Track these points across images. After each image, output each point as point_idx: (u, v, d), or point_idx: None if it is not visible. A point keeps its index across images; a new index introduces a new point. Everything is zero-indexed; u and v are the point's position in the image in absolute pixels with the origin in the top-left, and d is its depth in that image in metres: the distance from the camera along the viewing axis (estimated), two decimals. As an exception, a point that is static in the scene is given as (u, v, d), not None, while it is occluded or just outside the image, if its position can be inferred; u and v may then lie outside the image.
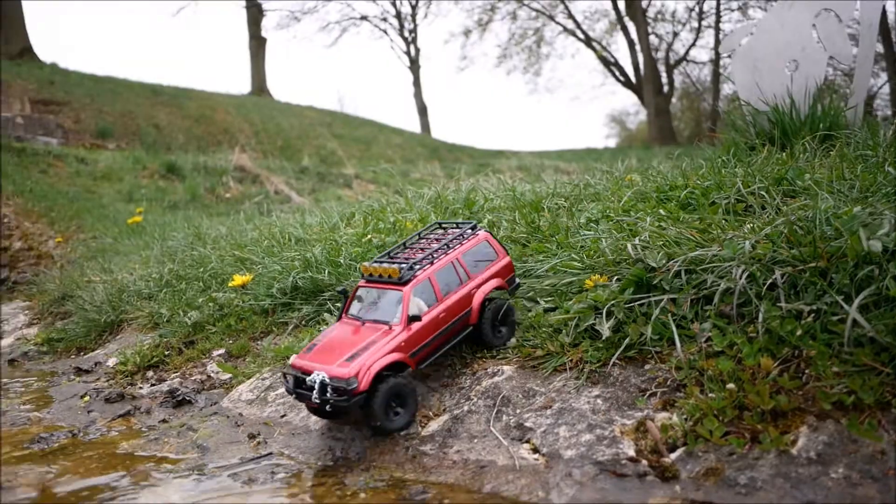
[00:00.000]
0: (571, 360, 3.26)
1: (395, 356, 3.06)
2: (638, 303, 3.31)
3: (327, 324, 4.49)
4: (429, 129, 36.76)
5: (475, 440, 2.99)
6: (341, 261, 5.10)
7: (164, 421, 3.98)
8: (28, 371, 5.99)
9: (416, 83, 39.19)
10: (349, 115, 33.99)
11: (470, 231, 3.59)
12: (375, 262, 3.40)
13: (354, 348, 3.06)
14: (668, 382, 2.95)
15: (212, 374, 4.56)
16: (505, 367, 3.36)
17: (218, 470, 3.14)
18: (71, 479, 3.23)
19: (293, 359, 3.26)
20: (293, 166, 20.71)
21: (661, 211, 4.32)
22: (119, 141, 22.13)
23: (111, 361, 5.35)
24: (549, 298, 3.80)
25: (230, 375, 4.43)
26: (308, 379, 3.03)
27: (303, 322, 4.83)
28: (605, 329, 3.26)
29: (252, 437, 3.50)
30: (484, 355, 3.53)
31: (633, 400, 2.94)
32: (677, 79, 43.71)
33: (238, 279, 5.53)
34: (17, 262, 12.77)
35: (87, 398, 4.59)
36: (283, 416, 3.69)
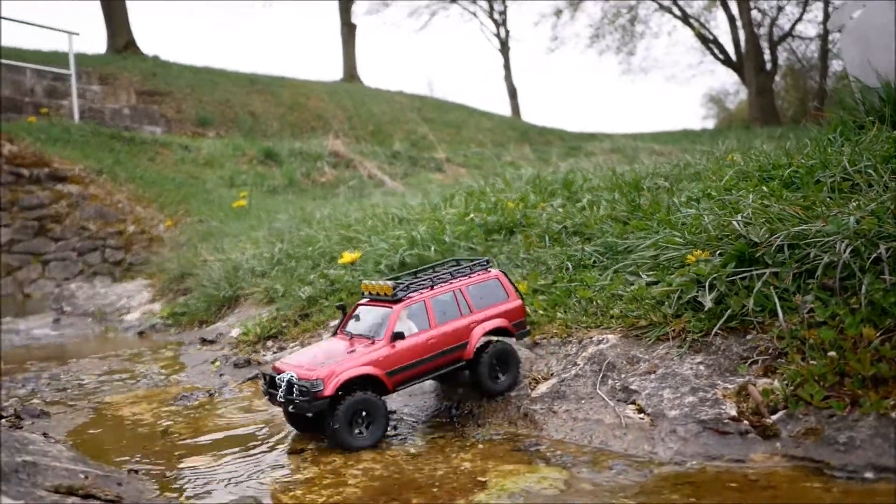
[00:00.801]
0: (674, 330, 3.47)
1: (369, 369, 3.07)
2: (740, 276, 3.49)
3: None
4: (519, 112, 36.88)
5: (582, 401, 3.26)
6: (446, 238, 5.43)
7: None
8: (156, 342, 6.61)
9: (506, 66, 39.38)
10: (439, 100, 34.54)
11: (480, 267, 3.55)
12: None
13: (331, 357, 3.14)
14: (770, 351, 3.13)
15: (329, 344, 4.98)
16: (609, 336, 3.61)
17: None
18: (215, 430, 3.69)
19: (275, 362, 3.37)
20: (385, 151, 21.26)
21: (764, 189, 4.45)
22: (218, 129, 23.26)
23: (234, 332, 5.87)
24: (651, 273, 4.01)
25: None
26: (277, 378, 3.15)
27: (411, 296, 5.18)
28: (708, 301, 3.46)
29: (373, 397, 3.87)
30: (588, 324, 3.79)
31: (735, 367, 3.13)
32: (781, 56, 42.10)
33: (347, 256, 5.95)
34: (130, 244, 13.78)
35: (217, 363, 5.10)
36: (399, 380, 4.05)
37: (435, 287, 3.37)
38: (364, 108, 27.22)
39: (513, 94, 37.58)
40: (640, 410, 3.07)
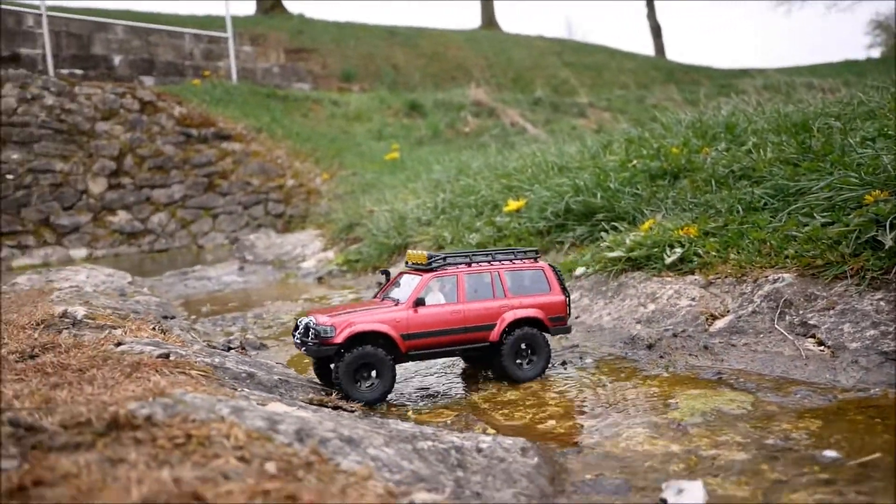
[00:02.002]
0: (851, 269, 3.63)
1: (383, 327, 3.21)
2: (922, 215, 3.58)
3: (602, 242, 5.13)
4: (663, 51, 35.65)
5: (760, 335, 3.51)
6: (610, 185, 5.69)
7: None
8: (334, 286, 7.31)
9: (649, 3, 37.93)
10: (579, 42, 34.00)
11: (525, 255, 3.61)
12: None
13: (353, 310, 3.31)
14: (955, 287, 3.25)
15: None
16: (785, 275, 3.81)
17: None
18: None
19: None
20: (526, 98, 21.39)
21: (948, 126, 4.41)
22: (361, 83, 24.14)
23: (409, 277, 6.43)
24: (826, 214, 4.13)
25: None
26: (299, 320, 3.36)
27: (578, 241, 5.51)
28: (888, 239, 3.58)
29: (554, 333, 4.27)
30: (762, 264, 3.99)
31: (917, 303, 3.28)
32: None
33: (512, 204, 6.33)
34: (290, 197, 14.83)
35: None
36: (577, 318, 4.43)
37: (472, 265, 3.48)
38: (503, 54, 27.31)
39: (656, 32, 36.30)
40: (820, 343, 3.29)
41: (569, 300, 3.59)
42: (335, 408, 2.96)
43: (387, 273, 3.72)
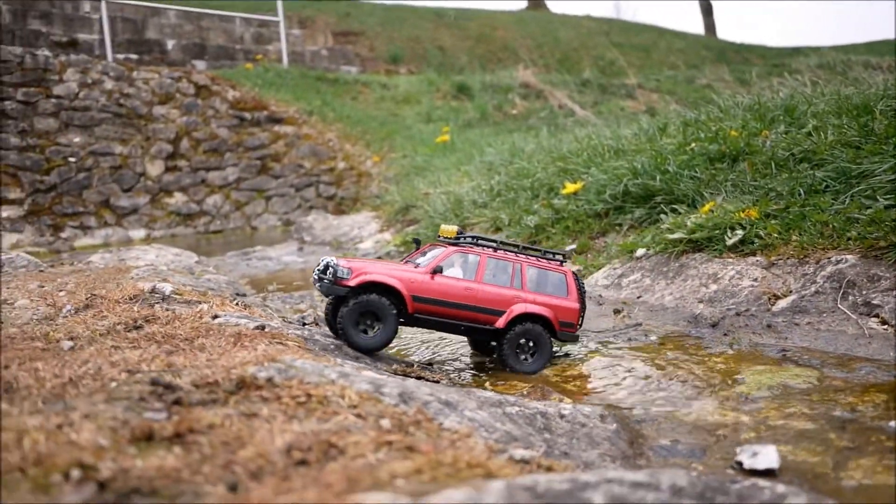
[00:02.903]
0: (916, 251, 3.72)
1: (394, 282, 3.31)
2: None
3: (662, 224, 5.26)
4: (714, 29, 35.08)
5: (823, 314, 3.64)
6: (669, 168, 5.80)
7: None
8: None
9: (699, -21, 37.31)
10: (627, 22, 33.65)
11: (553, 256, 3.68)
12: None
13: (374, 263, 3.48)
14: None
15: (562, 267, 5.58)
16: (847, 256, 3.91)
17: (598, 334, 4.13)
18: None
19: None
20: (574, 79, 21.34)
21: None
22: (408, 65, 24.31)
23: (468, 258, 6.63)
24: (889, 196, 4.21)
25: (581, 266, 5.41)
26: (322, 259, 3.50)
27: (637, 223, 5.65)
28: (953, 222, 3.66)
29: (617, 311, 4.44)
30: (825, 246, 4.09)
31: (982, 284, 3.37)
32: None
33: (570, 187, 6.48)
34: (341, 180, 15.12)
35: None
36: (638, 297, 4.59)
37: (497, 251, 3.57)
38: (550, 35, 27.23)
39: (707, 10, 35.73)
40: (884, 322, 3.41)
41: (583, 311, 3.66)
42: (418, 377, 3.17)
43: (417, 241, 3.87)
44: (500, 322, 3.47)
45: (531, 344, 3.53)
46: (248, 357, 2.50)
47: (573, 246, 5.80)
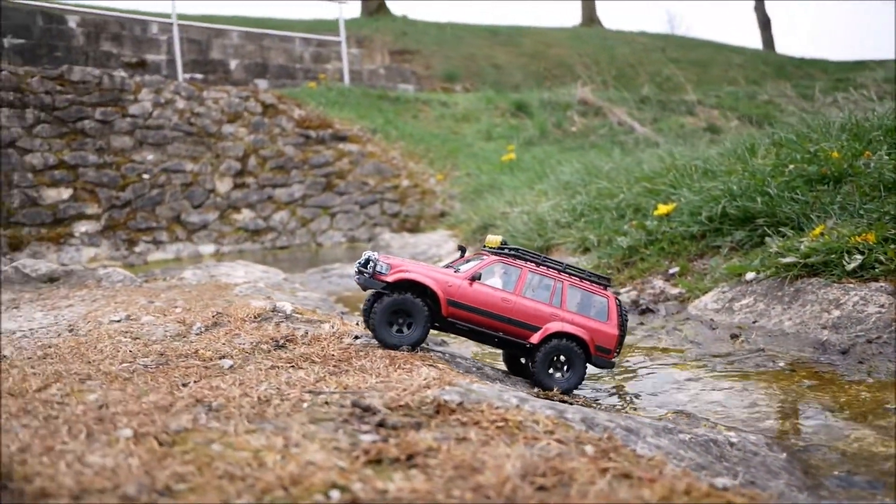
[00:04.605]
0: None
1: (431, 282, 3.31)
2: None
3: (769, 248, 5.22)
4: (772, 44, 34.69)
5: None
6: (769, 190, 5.76)
7: (641, 324, 5.10)
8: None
9: (757, -6, 36.96)
10: (682, 37, 33.48)
11: (598, 280, 3.60)
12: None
13: (415, 263, 3.49)
14: None
15: (663, 289, 5.57)
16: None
17: (718, 358, 4.12)
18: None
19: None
20: (633, 96, 21.28)
21: None
22: (464, 82, 24.50)
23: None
24: None
25: (684, 289, 5.41)
26: (364, 253, 3.52)
27: (738, 246, 5.61)
28: None
29: (734, 336, 4.43)
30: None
31: None
32: None
33: (662, 208, 6.47)
34: (405, 197, 15.27)
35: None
36: (754, 322, 4.57)
37: (540, 266, 3.52)
38: (606, 52, 27.21)
39: (765, 24, 35.36)
40: None
41: (622, 338, 3.57)
42: (561, 401, 3.21)
43: (463, 249, 3.87)
44: (535, 338, 3.41)
45: (563, 360, 3.46)
46: (419, 380, 2.57)
47: (676, 269, 5.79)
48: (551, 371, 3.44)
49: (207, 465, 1.77)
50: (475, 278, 3.39)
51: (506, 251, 3.55)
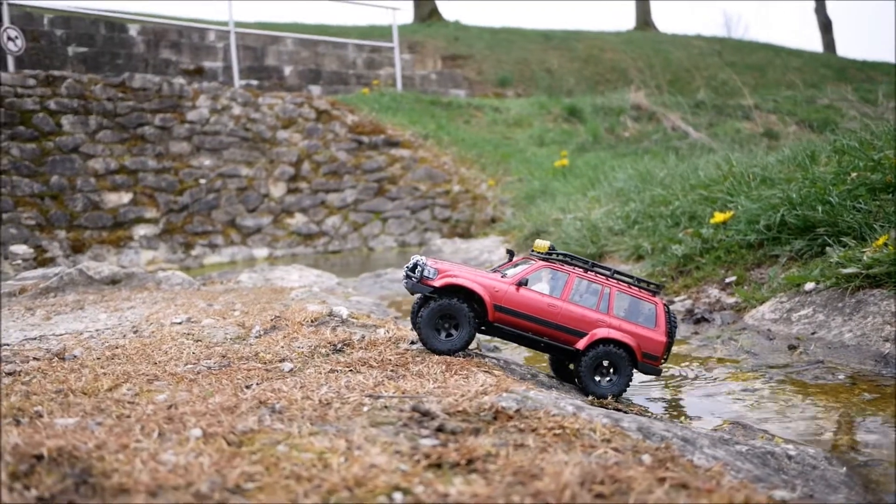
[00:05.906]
0: None
1: (479, 288, 3.34)
2: None
3: (830, 258, 5.14)
4: (833, 47, 33.90)
5: None
6: (831, 199, 5.67)
7: (695, 333, 5.07)
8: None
9: (818, -4, 36.20)
10: (739, 41, 32.97)
11: (647, 286, 3.58)
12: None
13: (462, 267, 3.48)
14: None
15: (718, 298, 5.53)
16: None
17: (775, 369, 4.08)
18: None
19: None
20: (687, 101, 21.03)
21: None
22: (516, 87, 24.53)
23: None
24: None
25: (741, 299, 5.35)
26: (412, 256, 3.51)
27: (797, 255, 5.53)
28: None
29: (792, 347, 4.38)
30: None
31: None
32: None
33: (719, 216, 6.41)
34: (456, 203, 15.35)
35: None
36: (813, 333, 4.51)
37: (588, 272, 3.51)
38: (660, 56, 26.94)
39: (825, 27, 34.59)
40: None
41: (670, 345, 3.53)
42: (615, 409, 3.23)
43: (511, 253, 3.85)
44: (581, 344, 3.40)
45: (608, 366, 3.44)
46: (476, 386, 2.62)
47: (732, 278, 5.74)
48: (597, 377, 3.43)
49: (275, 466, 1.85)
50: (522, 283, 3.40)
51: (553, 256, 3.57)
